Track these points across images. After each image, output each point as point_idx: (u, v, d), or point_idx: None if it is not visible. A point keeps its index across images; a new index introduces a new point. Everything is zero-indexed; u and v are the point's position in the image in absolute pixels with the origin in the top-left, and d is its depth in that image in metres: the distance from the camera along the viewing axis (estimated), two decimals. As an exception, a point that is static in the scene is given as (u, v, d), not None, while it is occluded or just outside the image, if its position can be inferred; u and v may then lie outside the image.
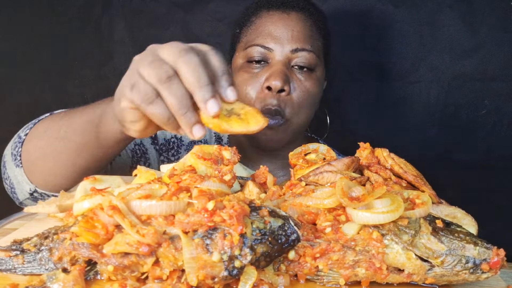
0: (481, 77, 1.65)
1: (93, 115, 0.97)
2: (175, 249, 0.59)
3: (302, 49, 1.30)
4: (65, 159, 1.02)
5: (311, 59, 1.31)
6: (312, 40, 1.33)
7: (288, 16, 1.33)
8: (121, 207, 0.61)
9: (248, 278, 0.60)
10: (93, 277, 0.64)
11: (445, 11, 1.64)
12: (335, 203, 0.69)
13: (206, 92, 0.71)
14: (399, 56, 1.71)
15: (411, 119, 1.74)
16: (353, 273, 0.65)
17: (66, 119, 1.04)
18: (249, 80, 1.31)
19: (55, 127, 1.04)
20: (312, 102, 1.35)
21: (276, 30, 1.31)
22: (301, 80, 1.31)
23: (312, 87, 1.32)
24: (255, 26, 1.35)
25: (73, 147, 1.01)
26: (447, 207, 0.78)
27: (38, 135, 1.07)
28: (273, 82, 1.25)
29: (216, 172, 0.75)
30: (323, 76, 1.40)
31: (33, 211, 0.80)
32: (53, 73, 2.08)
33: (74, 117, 1.02)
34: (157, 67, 0.71)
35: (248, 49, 1.33)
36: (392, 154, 0.85)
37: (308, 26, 1.34)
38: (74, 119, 1.02)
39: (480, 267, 0.65)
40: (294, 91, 1.30)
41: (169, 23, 1.90)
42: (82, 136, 0.99)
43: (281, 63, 1.29)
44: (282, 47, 1.30)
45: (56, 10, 2.01)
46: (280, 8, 1.35)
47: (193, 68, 0.71)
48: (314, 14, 1.38)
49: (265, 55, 1.31)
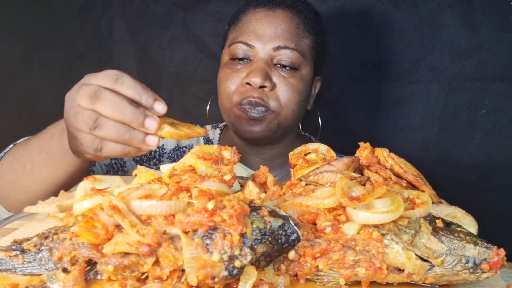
0: (481, 77, 1.65)
1: (49, 145, 1.01)
2: (175, 249, 0.59)
3: (285, 47, 1.29)
4: (36, 190, 1.04)
5: (294, 58, 1.29)
6: (298, 39, 1.31)
7: (273, 13, 1.32)
8: (121, 207, 0.61)
9: (248, 278, 0.60)
10: (93, 277, 0.64)
11: (445, 11, 1.64)
12: (335, 203, 0.69)
13: (138, 117, 0.79)
14: (399, 56, 1.71)
15: (411, 119, 1.74)
16: (353, 273, 0.65)
17: (27, 154, 1.06)
18: (230, 75, 1.31)
19: (20, 162, 1.06)
20: (298, 99, 1.32)
21: (259, 27, 1.30)
22: (285, 77, 1.30)
23: (296, 83, 1.31)
24: (241, 24, 1.36)
25: (40, 179, 1.04)
26: (447, 207, 0.78)
27: (5, 170, 1.09)
28: (252, 79, 1.25)
29: (216, 172, 0.75)
30: (310, 75, 1.37)
31: (33, 211, 0.80)
32: (53, 73, 2.08)
33: (33, 152, 1.04)
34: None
35: (232, 46, 1.33)
36: (392, 154, 0.85)
37: (294, 24, 1.32)
38: (34, 155, 1.04)
39: (480, 267, 0.65)
40: (277, 87, 1.29)
41: (169, 23, 1.90)
42: (46, 170, 1.02)
43: (263, 61, 1.29)
44: (264, 44, 1.29)
45: (56, 10, 2.01)
46: (266, 6, 1.34)
47: (115, 107, 0.78)
48: (302, 11, 1.36)
49: (248, 53, 1.31)
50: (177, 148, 1.48)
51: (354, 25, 1.73)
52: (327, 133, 1.81)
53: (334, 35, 1.72)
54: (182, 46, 1.90)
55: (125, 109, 0.78)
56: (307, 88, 1.37)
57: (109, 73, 0.81)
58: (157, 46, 1.93)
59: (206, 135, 1.54)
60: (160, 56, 1.93)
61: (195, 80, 1.90)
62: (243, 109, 1.29)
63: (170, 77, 1.92)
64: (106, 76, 0.81)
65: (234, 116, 1.32)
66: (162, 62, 1.93)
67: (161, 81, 1.93)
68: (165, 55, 1.93)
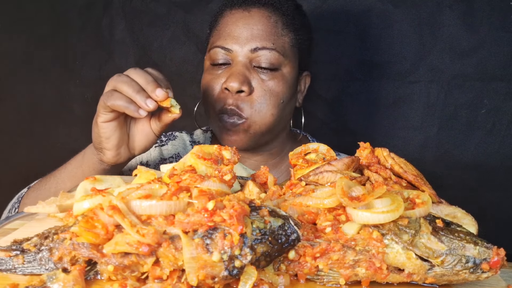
0: (481, 76, 1.65)
1: (75, 164, 1.18)
2: (175, 249, 0.59)
3: (263, 47, 1.26)
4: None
5: (272, 58, 1.26)
6: (276, 37, 1.28)
7: (249, 13, 1.29)
8: (121, 207, 0.61)
9: (248, 278, 0.60)
10: (93, 277, 0.64)
11: (445, 11, 1.64)
12: (335, 202, 0.69)
13: (148, 86, 1.02)
14: (399, 56, 1.71)
15: (411, 119, 1.74)
16: (353, 272, 0.65)
17: (53, 178, 1.21)
18: (210, 82, 1.30)
19: (45, 187, 1.20)
20: (277, 102, 1.29)
21: (236, 29, 1.27)
22: (264, 79, 1.27)
23: (275, 85, 1.28)
24: (218, 27, 1.33)
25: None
26: (447, 207, 0.78)
27: (30, 199, 1.22)
28: (230, 84, 1.24)
29: (216, 172, 0.75)
30: (292, 74, 1.33)
31: (33, 211, 0.80)
32: (53, 73, 2.08)
33: (60, 174, 1.20)
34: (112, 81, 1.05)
35: (211, 51, 1.31)
36: (392, 154, 0.85)
37: (271, 23, 1.28)
38: (60, 175, 1.20)
39: (480, 267, 0.65)
40: (255, 91, 1.27)
41: (169, 23, 1.90)
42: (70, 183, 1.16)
43: (241, 64, 1.27)
44: (241, 47, 1.26)
45: (56, 10, 2.02)
46: (242, 6, 1.31)
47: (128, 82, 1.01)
48: (280, 8, 1.31)
49: (226, 57, 1.29)
50: (161, 161, 1.48)
51: (354, 25, 1.73)
52: (327, 133, 1.82)
53: (334, 35, 1.73)
54: (182, 46, 1.90)
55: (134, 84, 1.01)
56: (290, 88, 1.33)
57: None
58: (157, 46, 1.93)
59: (195, 139, 1.54)
60: (160, 56, 1.94)
61: (195, 80, 1.90)
62: (221, 119, 1.28)
63: (170, 77, 1.90)
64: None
65: (215, 125, 1.32)
66: (162, 62, 1.93)
67: (161, 81, 1.93)
68: (165, 55, 1.93)
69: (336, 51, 1.74)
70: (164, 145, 1.50)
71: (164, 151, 1.49)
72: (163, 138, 1.52)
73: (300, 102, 1.46)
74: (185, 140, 1.53)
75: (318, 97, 1.79)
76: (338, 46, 1.74)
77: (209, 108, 1.33)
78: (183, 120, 1.60)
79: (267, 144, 1.40)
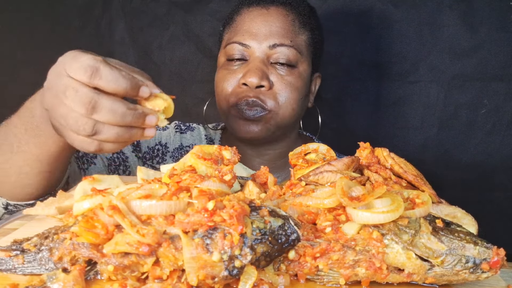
0: (481, 77, 1.65)
1: (34, 122, 0.95)
2: (175, 249, 0.59)
3: (281, 44, 1.28)
4: (28, 170, 0.97)
5: (291, 55, 1.29)
6: (293, 35, 1.30)
7: (267, 11, 1.31)
8: (121, 207, 0.61)
9: (248, 278, 0.60)
10: (93, 277, 0.64)
11: (445, 11, 1.64)
12: (335, 202, 0.69)
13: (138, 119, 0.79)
14: (399, 56, 1.71)
15: (411, 119, 1.74)
16: (353, 272, 0.65)
17: (12, 134, 0.98)
18: (227, 76, 1.31)
19: (7, 143, 0.98)
20: (297, 97, 1.31)
21: (254, 26, 1.29)
22: (282, 75, 1.29)
23: (295, 81, 1.30)
24: (235, 24, 1.35)
25: (31, 157, 0.96)
26: (447, 207, 0.78)
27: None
28: (249, 79, 1.24)
29: (216, 172, 0.75)
30: (307, 72, 1.36)
31: (32, 213, 0.80)
32: (53, 73, 2.08)
33: (18, 131, 0.97)
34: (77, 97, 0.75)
35: (228, 47, 1.32)
36: (392, 154, 0.85)
37: (289, 21, 1.31)
38: (20, 134, 0.96)
39: (480, 267, 0.65)
40: (275, 85, 1.28)
41: (169, 23, 1.90)
42: (36, 147, 0.95)
43: (259, 60, 1.28)
44: (259, 43, 1.28)
45: (56, 10, 2.01)
46: (260, 4, 1.33)
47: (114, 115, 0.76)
48: (297, 7, 1.35)
49: (244, 52, 1.30)
50: (180, 147, 1.49)
51: (354, 25, 1.73)
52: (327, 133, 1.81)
53: (334, 35, 1.72)
54: (182, 46, 1.90)
55: (125, 115, 0.76)
56: (306, 85, 1.36)
57: (84, 64, 0.74)
58: (157, 46, 1.93)
59: (208, 134, 1.54)
60: (160, 56, 1.93)
61: (195, 80, 1.90)
62: (240, 110, 1.28)
63: (170, 77, 1.92)
64: (81, 69, 0.74)
65: (231, 117, 1.32)
66: (162, 62, 1.93)
67: (161, 81, 1.93)
68: (165, 55, 1.93)
69: (336, 51, 1.74)
70: (184, 133, 1.52)
71: (183, 139, 1.51)
72: (182, 126, 1.53)
73: (312, 102, 1.48)
74: (201, 133, 1.54)
75: (318, 97, 1.79)
76: (338, 46, 1.74)
77: (223, 102, 1.33)
78: (183, 120, 1.60)
79: (276, 142, 1.41)
